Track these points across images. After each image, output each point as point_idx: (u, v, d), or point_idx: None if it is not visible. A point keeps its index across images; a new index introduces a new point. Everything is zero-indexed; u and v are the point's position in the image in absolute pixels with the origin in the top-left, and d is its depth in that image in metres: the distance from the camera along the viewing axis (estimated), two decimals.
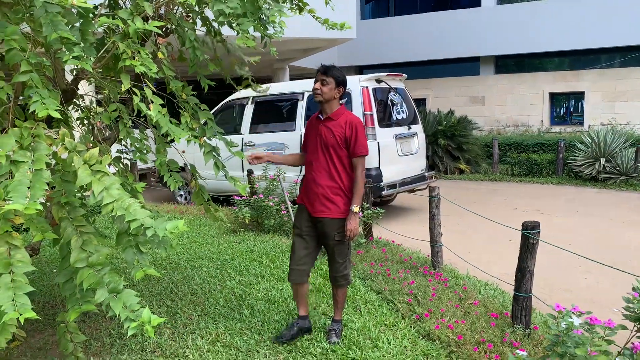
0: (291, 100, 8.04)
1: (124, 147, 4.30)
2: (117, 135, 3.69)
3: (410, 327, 3.65)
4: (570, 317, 2.31)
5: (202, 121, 3.21)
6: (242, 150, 8.30)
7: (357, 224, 3.29)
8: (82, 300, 2.86)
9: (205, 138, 3.19)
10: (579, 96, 15.60)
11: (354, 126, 3.32)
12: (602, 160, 10.21)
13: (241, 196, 6.88)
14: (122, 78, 2.69)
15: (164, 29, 3.21)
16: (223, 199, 8.39)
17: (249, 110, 8.53)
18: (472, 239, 6.35)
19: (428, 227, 4.77)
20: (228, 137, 3.44)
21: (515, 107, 16.31)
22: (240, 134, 8.43)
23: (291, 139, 7.77)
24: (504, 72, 16.94)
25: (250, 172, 7.49)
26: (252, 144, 8.26)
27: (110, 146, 3.59)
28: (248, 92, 8.41)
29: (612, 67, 15.29)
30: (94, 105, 4.07)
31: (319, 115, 3.45)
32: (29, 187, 2.38)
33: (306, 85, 7.84)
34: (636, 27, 14.17)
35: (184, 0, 2.63)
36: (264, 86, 4.00)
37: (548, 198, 9.18)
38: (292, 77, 15.28)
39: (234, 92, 8.85)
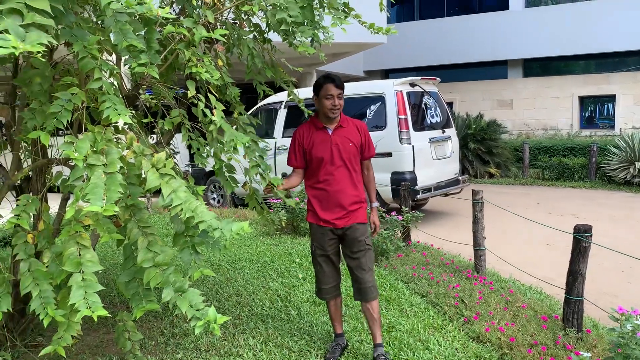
0: None
1: (171, 152, 4.42)
2: (169, 140, 3.80)
3: (459, 329, 3.68)
4: (636, 319, 2.32)
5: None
6: (275, 154, 8.42)
7: (378, 218, 3.44)
8: (145, 300, 2.93)
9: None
10: (610, 99, 15.40)
11: (364, 130, 3.34)
12: (637, 164, 10.08)
13: (278, 199, 6.98)
14: (188, 85, 2.78)
15: (224, 37, 3.30)
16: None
17: (281, 115, 8.63)
18: (509, 242, 6.33)
19: (463, 231, 4.78)
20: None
21: (544, 110, 16.17)
22: (273, 137, 8.53)
23: None
24: (532, 75, 16.81)
25: (284, 175, 7.57)
26: (285, 147, 8.34)
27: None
28: (281, 97, 8.51)
29: None
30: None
31: (325, 127, 3.26)
32: (104, 190, 2.45)
33: None
34: None
35: (248, 8, 2.71)
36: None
37: (582, 202, 9.10)
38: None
39: (264, 98, 8.96)
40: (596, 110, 15.97)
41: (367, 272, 3.26)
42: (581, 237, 3.31)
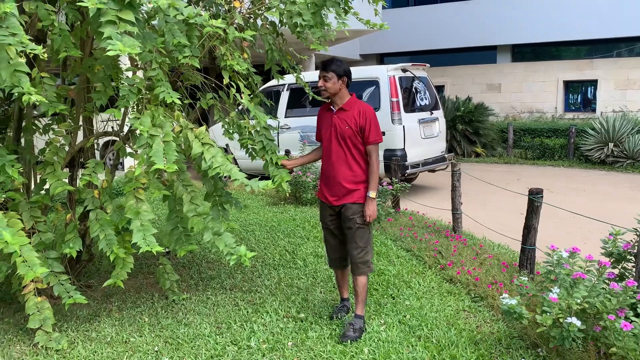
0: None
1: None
2: (198, 117, 4.56)
3: (436, 274, 4.51)
4: (561, 252, 3.14)
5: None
6: (278, 133, 9.17)
7: (375, 209, 3.43)
8: (186, 242, 3.69)
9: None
10: (592, 84, 16.20)
11: (367, 115, 3.41)
12: (611, 145, 10.92)
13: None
14: (223, 74, 3.53)
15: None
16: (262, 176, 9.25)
17: (284, 96, 9.38)
18: (486, 211, 7.16)
19: (447, 202, 5.59)
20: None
21: (530, 94, 16.96)
22: (276, 118, 9.25)
23: None
24: (520, 60, 17.54)
25: (287, 152, 8.36)
26: (287, 127, 9.11)
27: None
28: (283, 80, 9.23)
29: (625, 56, 15.85)
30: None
31: (331, 107, 3.51)
32: (164, 154, 3.20)
33: None
34: None
35: (271, 12, 3.46)
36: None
37: (558, 179, 9.94)
38: (317, 66, 16.04)
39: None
40: (580, 94, 16.76)
41: (356, 249, 3.45)
42: (534, 198, 4.13)
